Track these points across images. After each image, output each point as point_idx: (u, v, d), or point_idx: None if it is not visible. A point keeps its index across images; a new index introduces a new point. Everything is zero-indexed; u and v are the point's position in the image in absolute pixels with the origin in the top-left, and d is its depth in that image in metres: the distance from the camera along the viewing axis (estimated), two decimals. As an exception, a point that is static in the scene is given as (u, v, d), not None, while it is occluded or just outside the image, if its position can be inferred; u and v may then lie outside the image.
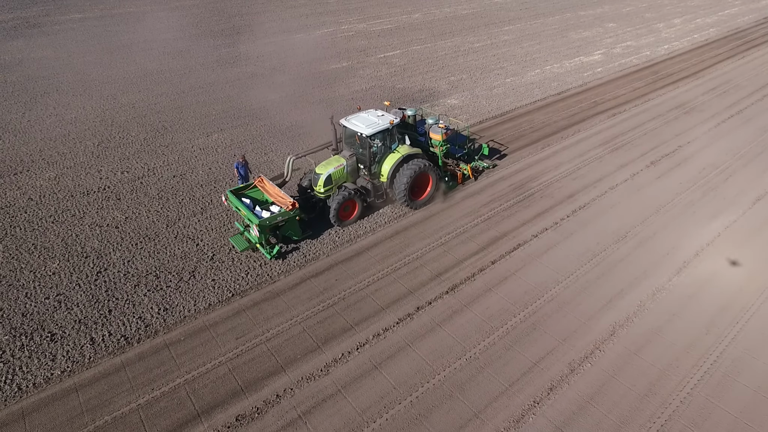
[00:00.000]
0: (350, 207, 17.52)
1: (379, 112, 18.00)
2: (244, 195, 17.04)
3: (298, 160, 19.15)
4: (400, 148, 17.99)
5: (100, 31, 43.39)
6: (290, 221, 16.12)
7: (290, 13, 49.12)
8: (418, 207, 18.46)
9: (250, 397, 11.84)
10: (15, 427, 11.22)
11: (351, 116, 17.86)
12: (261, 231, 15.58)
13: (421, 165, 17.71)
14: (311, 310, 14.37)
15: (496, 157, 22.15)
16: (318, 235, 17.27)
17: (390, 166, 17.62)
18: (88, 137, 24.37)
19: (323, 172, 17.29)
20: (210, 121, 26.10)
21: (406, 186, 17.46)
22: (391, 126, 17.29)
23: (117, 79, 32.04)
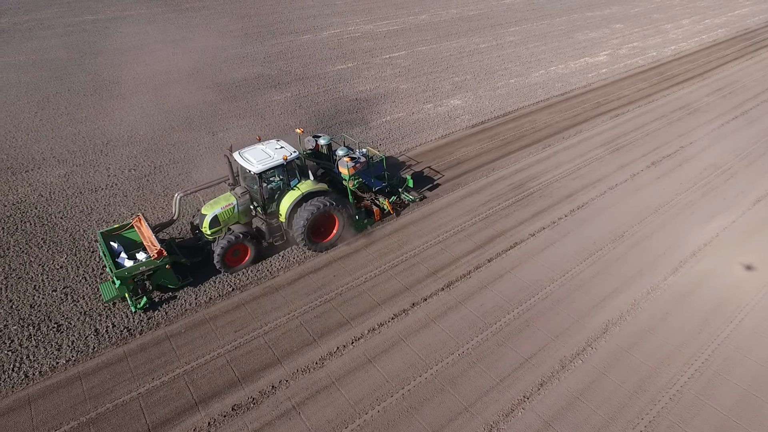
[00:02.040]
0: (241, 251, 15.68)
1: (278, 144, 16.10)
2: (118, 236, 15.50)
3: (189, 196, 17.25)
4: (302, 185, 16.05)
5: (112, 33, 44.20)
6: (161, 270, 14.50)
7: (298, 14, 49.65)
8: (323, 249, 16.58)
9: (247, 388, 12.17)
10: (21, 413, 11.66)
11: (246, 148, 15.96)
12: (122, 282, 13.99)
13: (322, 204, 15.80)
14: (309, 304, 14.68)
15: (428, 187, 20.20)
16: (203, 280, 15.45)
17: (288, 206, 15.77)
18: (97, 136, 24.96)
19: (208, 213, 15.43)
20: (216, 120, 26.57)
21: (305, 227, 15.62)
22: (285, 161, 15.24)
23: (126, 79, 32.68)
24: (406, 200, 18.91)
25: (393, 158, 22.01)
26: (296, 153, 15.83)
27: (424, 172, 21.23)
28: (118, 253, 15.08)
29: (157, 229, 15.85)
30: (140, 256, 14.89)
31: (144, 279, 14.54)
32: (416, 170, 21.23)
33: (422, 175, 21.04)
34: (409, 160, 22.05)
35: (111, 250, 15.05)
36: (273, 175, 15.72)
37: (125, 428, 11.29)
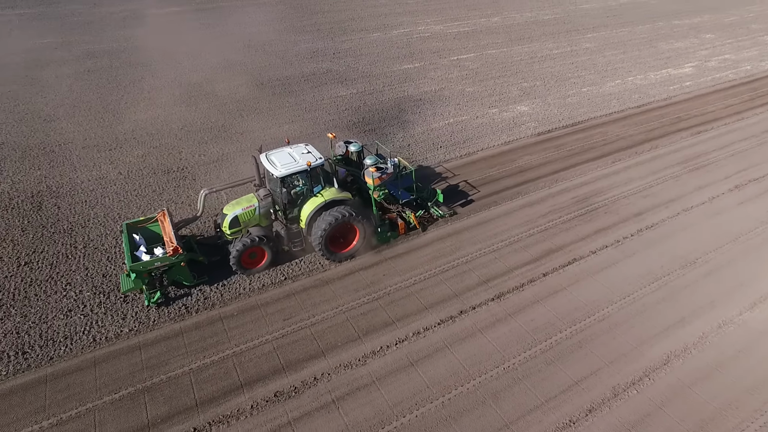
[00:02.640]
0: (258, 254, 15.52)
1: (305, 149, 15.87)
2: (142, 229, 15.81)
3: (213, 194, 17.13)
4: (325, 192, 15.74)
5: (195, 24, 46.67)
6: (176, 267, 14.62)
7: (369, 12, 50.13)
8: (341, 260, 16.08)
9: (290, 376, 12.45)
10: (87, 373, 12.59)
11: (273, 150, 15.87)
12: (138, 276, 14.15)
13: (343, 214, 15.32)
14: (356, 301, 14.79)
15: (461, 203, 19.29)
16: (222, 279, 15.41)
17: (309, 212, 15.48)
18: (173, 121, 26.44)
19: (230, 213, 15.48)
20: (283, 112, 27.37)
21: (323, 236, 15.21)
22: (309, 167, 15.02)
23: (204, 68, 34.39)
24: (435, 215, 18.01)
25: (429, 169, 21.54)
26: (321, 159, 15.51)
27: (459, 186, 20.42)
28: (139, 246, 15.29)
29: (180, 224, 16.14)
30: (158, 251, 14.99)
31: (160, 274, 14.72)
32: (452, 183, 20.51)
33: (457, 189, 20.19)
34: (446, 172, 21.43)
35: (132, 242, 15.26)
36: (296, 180, 15.44)
37: (175, 400, 11.88)
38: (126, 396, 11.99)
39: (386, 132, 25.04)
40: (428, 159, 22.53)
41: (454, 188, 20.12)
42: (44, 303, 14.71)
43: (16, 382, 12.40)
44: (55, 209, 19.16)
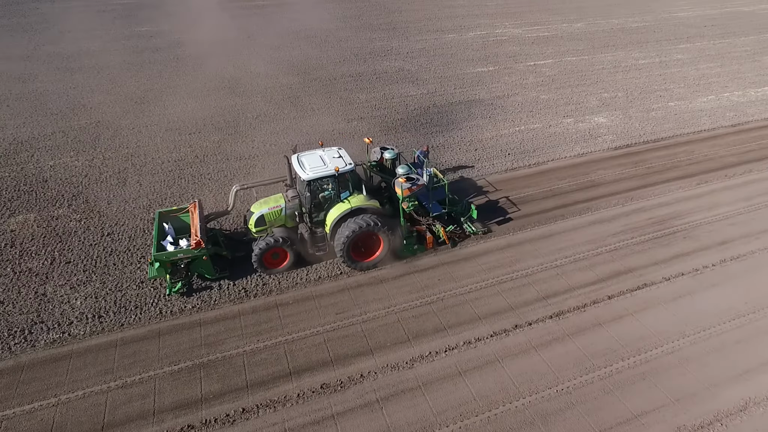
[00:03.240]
0: (280, 255, 15.51)
1: (337, 153, 15.70)
2: (174, 218, 16.21)
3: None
4: (353, 198, 15.45)
5: (277, 18, 48.40)
6: (198, 259, 14.75)
7: (447, 12, 49.65)
8: (363, 269, 15.74)
9: (337, 370, 12.58)
10: (152, 343, 13.42)
11: (306, 152, 15.90)
12: (161, 265, 14.52)
13: (367, 222, 14.97)
14: (409, 303, 14.69)
15: (498, 220, 18.27)
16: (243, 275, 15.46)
17: (334, 218, 15.24)
18: (249, 110, 27.56)
19: (256, 211, 15.71)
20: (353, 108, 27.74)
21: (345, 244, 14.94)
22: (336, 173, 14.83)
23: (281, 60, 35.61)
24: (468, 231, 17.22)
25: (469, 181, 20.87)
26: (351, 166, 15.29)
27: (498, 202, 19.47)
28: (167, 235, 15.62)
29: (210, 217, 16.48)
30: (183, 243, 15.21)
31: (184, 264, 14.90)
32: (492, 199, 19.64)
33: (496, 205, 19.24)
34: (487, 186, 20.55)
35: (162, 231, 15.64)
36: (324, 184, 15.29)
37: (228, 379, 12.38)
38: (184, 369, 12.65)
39: (453, 135, 24.70)
40: (494, 165, 21.97)
41: (493, 204, 19.32)
42: (120, 273, 15.83)
43: (90, 342, 13.45)
44: (137, 186, 20.58)
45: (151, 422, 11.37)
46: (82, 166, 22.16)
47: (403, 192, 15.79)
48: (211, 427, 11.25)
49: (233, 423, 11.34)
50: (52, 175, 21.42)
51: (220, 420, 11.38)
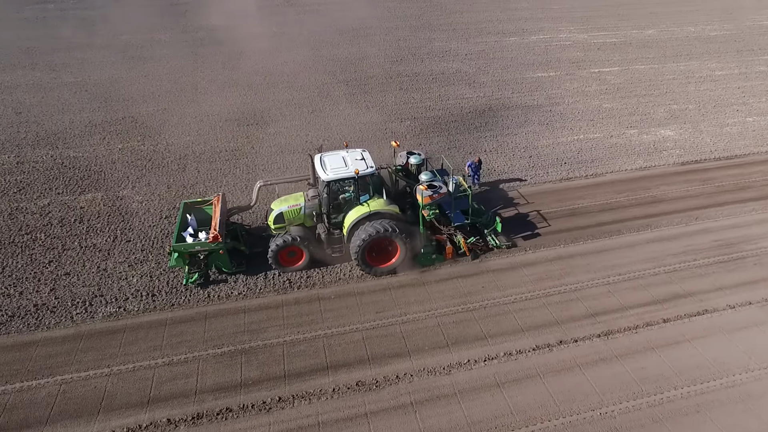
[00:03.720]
0: (296, 253, 15.49)
1: (360, 155, 15.48)
2: (198, 210, 16.45)
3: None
4: (372, 202, 15.19)
5: (338, 15, 49.11)
6: (215, 253, 14.94)
7: (509, 15, 48.59)
8: (378, 275, 15.45)
9: (373, 369, 12.58)
10: (198, 325, 13.96)
11: (329, 152, 15.88)
12: (179, 255, 14.85)
13: (384, 228, 14.64)
14: (451, 308, 14.48)
15: (526, 234, 17.46)
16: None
17: (352, 220, 15.06)
18: (305, 104, 28.10)
19: (276, 208, 15.76)
20: (407, 108, 27.67)
21: (360, 247, 14.72)
22: (356, 176, 14.65)
23: (339, 58, 36.08)
24: (491, 244, 16.65)
25: (501, 192, 20.14)
26: (372, 169, 15.08)
27: (529, 215, 18.64)
28: (188, 226, 15.83)
29: (233, 211, 16.67)
30: (201, 236, 15.36)
31: (203, 256, 15.05)
32: (522, 212, 18.84)
33: (526, 218, 18.46)
34: (519, 198, 19.73)
35: (185, 222, 15.89)
36: (344, 186, 15.19)
37: (267, 367, 12.67)
38: (226, 353, 13.06)
39: (508, 140, 24.13)
40: (549, 174, 21.27)
41: (522, 217, 18.57)
42: (174, 254, 16.53)
43: (143, 319, 14.16)
44: (196, 172, 21.46)
45: (193, 401, 11.80)
46: (147, 150, 23.36)
47: (424, 199, 15.38)
48: (248, 412, 11.54)
49: (269, 411, 11.58)
50: (120, 158, 22.71)
51: (257, 406, 11.66)
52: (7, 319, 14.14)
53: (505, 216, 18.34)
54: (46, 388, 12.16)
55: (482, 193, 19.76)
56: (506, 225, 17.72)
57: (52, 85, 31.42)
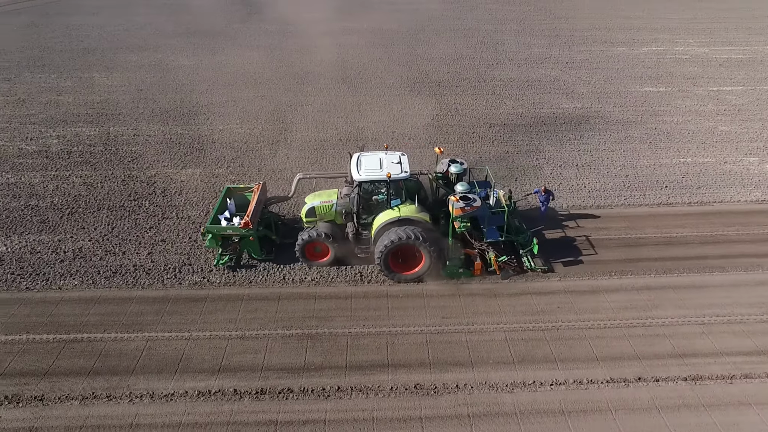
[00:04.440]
0: (322, 249, 15.59)
1: (398, 158, 15.22)
2: (240, 195, 16.91)
3: None
4: (403, 208, 14.82)
5: (438, 15, 49.01)
6: (246, 239, 15.34)
7: (620, 23, 45.57)
8: (401, 281, 15.18)
9: (433, 374, 12.40)
10: (271, 304, 14.60)
11: (368, 153, 15.83)
12: (213, 237, 15.29)
13: (408, 235, 14.26)
14: (521, 324, 13.90)
15: (567, 260, 16.14)
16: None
17: (380, 223, 14.86)
18: (395, 101, 28.32)
19: (309, 202, 15.86)
20: (497, 114, 26.95)
21: (383, 252, 14.49)
22: (388, 179, 14.39)
23: (434, 57, 35.96)
24: (526, 266, 15.75)
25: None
26: (406, 174, 14.78)
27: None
28: (225, 210, 16.30)
29: (272, 201, 17.06)
30: (235, 221, 15.69)
31: (237, 240, 15.58)
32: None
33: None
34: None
35: (224, 206, 16.43)
36: (377, 188, 15.13)
37: (330, 355, 12.96)
38: (294, 336, 13.54)
39: (603, 156, 22.66)
40: (646, 197, 19.67)
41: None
42: (257, 234, 17.41)
43: (223, 291, 15.10)
44: (285, 158, 22.48)
45: (258, 376, 12.38)
46: (244, 133, 24.86)
47: (455, 211, 14.83)
48: (307, 396, 11.89)
49: (327, 398, 11.84)
50: (219, 138, 24.37)
51: (317, 391, 11.96)
52: (111, 274, 15.74)
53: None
54: (134, 342, 13.37)
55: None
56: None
57: (170, 67, 34.47)
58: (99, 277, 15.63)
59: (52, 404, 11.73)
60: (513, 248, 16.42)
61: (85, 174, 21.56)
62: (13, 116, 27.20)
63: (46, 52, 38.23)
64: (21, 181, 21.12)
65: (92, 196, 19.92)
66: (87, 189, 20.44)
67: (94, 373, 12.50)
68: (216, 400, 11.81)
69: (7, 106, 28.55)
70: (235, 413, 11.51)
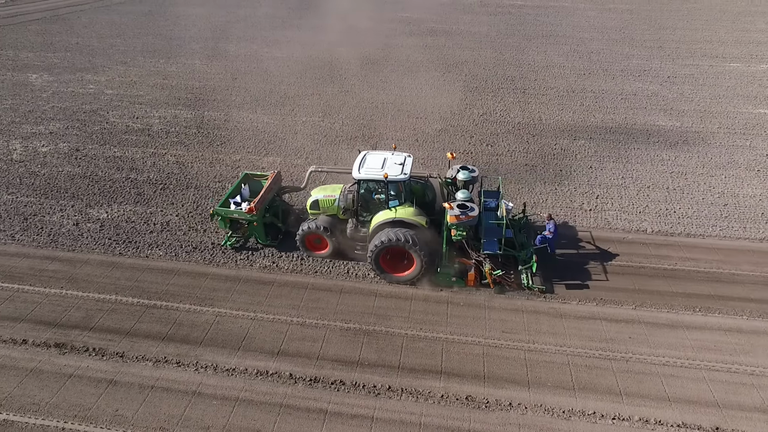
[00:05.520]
0: (321, 241, 16.10)
1: (401, 160, 15.19)
2: (256, 182, 17.57)
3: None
4: (400, 209, 14.72)
5: (531, 20, 47.45)
6: (251, 224, 16.21)
7: (736, 36, 41.46)
8: (392, 282, 15.26)
9: (486, 388, 12.09)
10: (333, 296, 15.00)
11: (375, 152, 16.05)
12: (222, 219, 16.34)
13: (398, 237, 14.20)
14: (586, 350, 13.16)
15: (570, 284, 15.24)
16: None
17: (376, 222, 14.91)
18: (476, 106, 27.86)
19: (314, 195, 16.25)
20: (584, 126, 25.63)
21: (374, 252, 14.64)
22: (385, 179, 14.30)
23: (522, 63, 34.88)
24: (524, 285, 15.03)
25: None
26: (405, 176, 14.65)
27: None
28: (237, 194, 17.07)
29: (285, 190, 17.75)
30: (244, 206, 16.34)
31: (246, 224, 16.38)
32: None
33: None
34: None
35: (239, 190, 17.17)
36: (374, 187, 15.20)
37: (384, 353, 13.05)
38: (351, 330, 13.79)
39: (700, 180, 20.79)
40: (746, 230, 17.77)
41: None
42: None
43: (289, 278, 15.71)
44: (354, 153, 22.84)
45: (313, 365, 12.75)
46: (325, 126, 25.65)
47: (450, 218, 14.42)
48: (357, 391, 12.06)
49: (377, 396, 11.94)
50: (302, 129, 25.32)
51: (368, 388, 12.10)
52: (191, 249, 16.92)
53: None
54: (205, 316, 14.29)
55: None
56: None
57: (263, 57, 36.33)
58: (181, 250, 16.86)
59: (129, 362, 12.86)
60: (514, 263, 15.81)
61: (179, 153, 23.33)
62: (125, 96, 30.02)
63: (158, 39, 41.77)
64: (125, 155, 23.28)
65: (182, 175, 21.51)
66: (179, 167, 22.10)
67: (168, 339, 13.53)
68: (272, 381, 12.33)
69: (121, 86, 31.57)
70: (288, 397, 11.95)
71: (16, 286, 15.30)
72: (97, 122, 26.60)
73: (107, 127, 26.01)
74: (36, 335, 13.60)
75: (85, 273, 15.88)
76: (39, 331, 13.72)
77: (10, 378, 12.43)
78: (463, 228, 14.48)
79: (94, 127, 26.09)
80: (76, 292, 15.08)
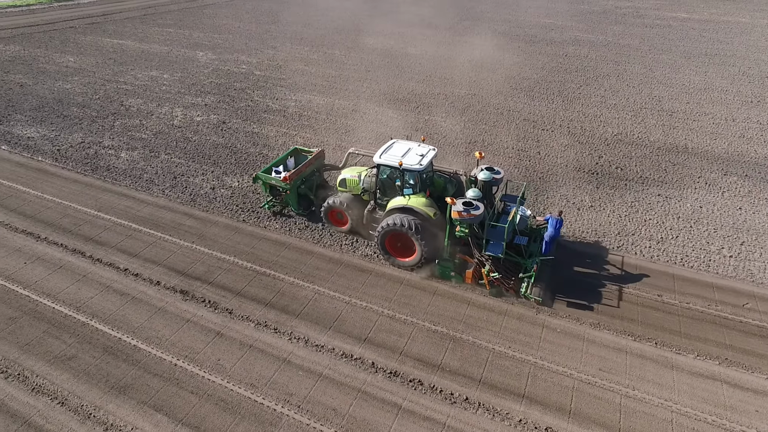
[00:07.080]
0: (343, 216, 17.28)
1: (423, 151, 15.76)
2: (303, 156, 19.11)
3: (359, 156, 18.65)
4: (413, 198, 15.37)
5: (695, 35, 42.53)
6: (286, 192, 17.92)
7: None
8: (396, 266, 16.11)
9: (570, 425, 11.30)
10: (425, 296, 15.07)
11: (404, 141, 16.69)
12: (263, 182, 18.08)
13: (402, 223, 14.97)
14: (697, 413, 11.68)
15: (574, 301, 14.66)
16: None
17: (390, 207, 15.74)
18: (554, 116, 25.83)
19: (342, 174, 17.37)
20: (739, 163, 22.44)
21: (380, 233, 15.62)
22: (399, 167, 15.09)
23: (673, 83, 31.43)
24: (522, 293, 14.70)
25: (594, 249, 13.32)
26: (421, 167, 15.08)
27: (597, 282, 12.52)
28: (283, 164, 18.50)
29: (326, 167, 19.25)
30: (282, 175, 17.68)
31: (284, 192, 18.02)
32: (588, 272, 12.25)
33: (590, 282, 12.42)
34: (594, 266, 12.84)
35: (284, 162, 18.71)
36: (394, 173, 15.76)
37: (467, 363, 12.85)
38: (438, 333, 13.77)
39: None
40: None
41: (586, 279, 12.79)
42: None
43: (386, 270, 16.12)
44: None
45: (395, 358, 12.99)
46: (446, 127, 25.63)
47: (453, 214, 14.38)
48: (435, 394, 12.05)
49: (453, 404, 11.82)
50: (423, 128, 25.59)
51: (444, 394, 12.03)
52: (303, 227, 18.16)
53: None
54: (305, 291, 15.29)
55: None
56: None
57: (397, 54, 37.29)
58: (294, 227, 18.17)
59: (236, 319, 14.26)
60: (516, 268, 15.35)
61: (307, 136, 25.03)
62: (270, 78, 32.93)
63: (306, 28, 45.05)
64: (261, 132, 25.60)
65: (307, 157, 23.09)
66: (305, 150, 23.76)
67: (270, 305, 14.73)
68: (355, 365, 12.82)
69: (269, 69, 34.69)
70: (367, 384, 12.34)
71: (159, 234, 17.74)
72: (243, 99, 29.57)
73: (251, 105, 28.79)
74: (167, 279, 15.67)
75: (213, 233, 17.87)
76: (170, 277, 15.79)
77: (143, 312, 14.52)
78: (466, 225, 14.50)
79: (240, 103, 29.04)
80: (203, 248, 17.05)
